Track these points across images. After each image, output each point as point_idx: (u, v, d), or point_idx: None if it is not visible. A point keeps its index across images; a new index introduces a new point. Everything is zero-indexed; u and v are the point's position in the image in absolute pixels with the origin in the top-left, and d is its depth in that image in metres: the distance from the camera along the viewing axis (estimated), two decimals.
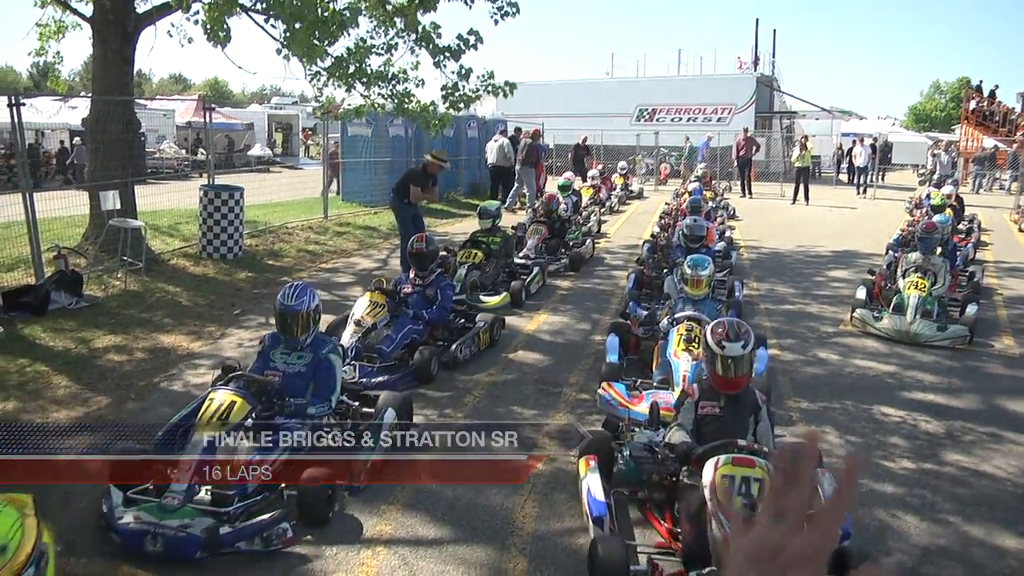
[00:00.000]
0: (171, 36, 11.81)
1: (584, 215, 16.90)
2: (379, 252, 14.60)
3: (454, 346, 7.83)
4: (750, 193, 25.48)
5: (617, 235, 17.26)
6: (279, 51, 11.84)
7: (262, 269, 12.54)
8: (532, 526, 4.92)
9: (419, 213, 12.68)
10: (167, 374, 7.65)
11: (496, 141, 21.76)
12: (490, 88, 12.82)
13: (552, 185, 19.53)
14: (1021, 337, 9.59)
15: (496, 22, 12.21)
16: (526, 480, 5.46)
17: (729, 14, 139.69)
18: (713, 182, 22.77)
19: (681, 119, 34.58)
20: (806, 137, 25.33)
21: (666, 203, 19.21)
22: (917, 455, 6.12)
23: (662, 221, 16.09)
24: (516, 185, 21.56)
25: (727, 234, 14.73)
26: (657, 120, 35.16)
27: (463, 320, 8.72)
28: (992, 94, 35.86)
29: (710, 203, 16.93)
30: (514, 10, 12.45)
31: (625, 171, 25.25)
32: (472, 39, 12.06)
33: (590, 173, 23.32)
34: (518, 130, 24.95)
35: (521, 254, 12.65)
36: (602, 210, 19.39)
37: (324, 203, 17.82)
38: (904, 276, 10.16)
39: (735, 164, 27.04)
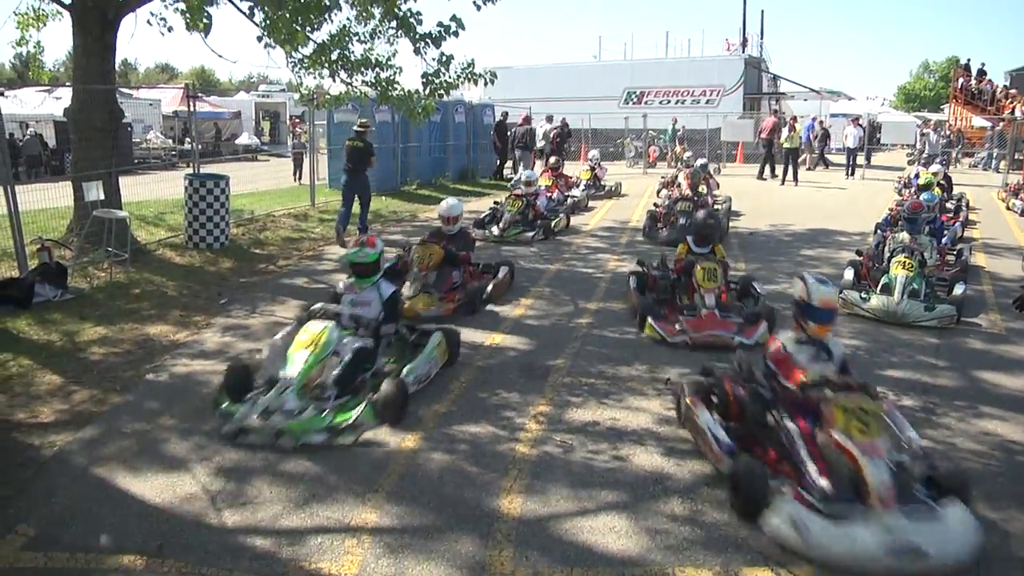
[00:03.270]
0: (151, 25, 11.62)
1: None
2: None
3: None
4: (776, 174, 25.43)
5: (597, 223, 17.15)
6: (260, 39, 11.71)
7: (248, 258, 12.49)
8: (519, 512, 4.89)
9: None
10: (153, 365, 7.58)
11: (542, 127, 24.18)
12: (471, 76, 12.73)
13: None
14: (1007, 314, 9.61)
15: (478, 7, 12.11)
16: (512, 465, 5.47)
17: None
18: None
19: (670, 101, 34.59)
20: (795, 118, 25.45)
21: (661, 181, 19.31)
22: None
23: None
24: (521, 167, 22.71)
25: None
26: (646, 103, 35.17)
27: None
28: (981, 72, 35.93)
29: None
30: None
31: (595, 163, 22.05)
32: (453, 26, 11.96)
33: (591, 154, 23.19)
34: (505, 114, 24.99)
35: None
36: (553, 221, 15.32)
37: (311, 191, 17.76)
38: (892, 256, 10.17)
39: (760, 146, 27.24)
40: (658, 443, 5.86)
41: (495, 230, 14.36)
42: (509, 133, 24.26)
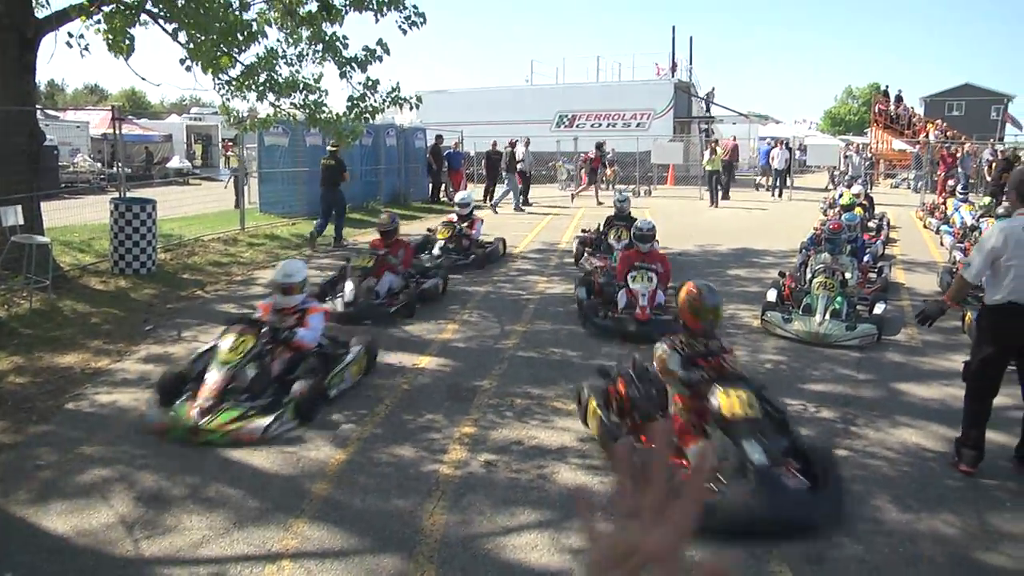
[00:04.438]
0: (70, 46, 11.38)
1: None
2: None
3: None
4: (727, 196, 26.34)
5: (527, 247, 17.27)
6: (183, 61, 11.56)
7: (175, 284, 12.28)
8: (440, 532, 4.91)
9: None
10: (73, 394, 7.39)
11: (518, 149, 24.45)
12: (396, 100, 12.77)
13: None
14: (924, 327, 9.88)
15: (404, 32, 12.19)
16: (436, 486, 5.49)
17: (647, 22, 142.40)
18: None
19: (601, 125, 34.97)
20: (716, 141, 26.06)
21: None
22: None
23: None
24: (506, 189, 23.72)
25: None
26: (577, 126, 35.50)
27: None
28: (898, 98, 37.37)
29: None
30: (421, 20, 12.46)
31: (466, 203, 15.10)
32: (379, 50, 12.02)
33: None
34: (439, 137, 25.07)
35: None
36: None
37: (240, 215, 17.60)
38: (814, 277, 10.40)
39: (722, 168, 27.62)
40: (581, 460, 5.94)
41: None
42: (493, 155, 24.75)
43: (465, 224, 14.59)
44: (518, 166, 24.31)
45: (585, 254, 13.69)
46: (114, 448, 6.13)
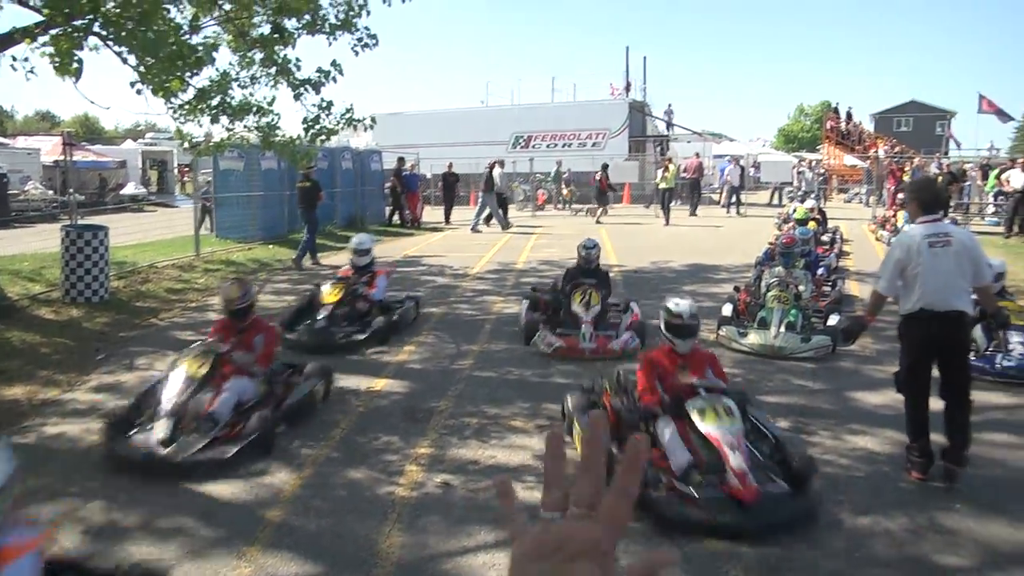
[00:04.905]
0: (14, 69, 11.11)
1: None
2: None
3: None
4: (694, 213, 27.33)
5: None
6: (133, 84, 11.42)
7: (128, 312, 12.08)
8: (397, 554, 4.87)
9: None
10: (21, 426, 7.24)
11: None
12: (350, 121, 12.78)
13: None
14: (876, 337, 10.00)
15: (356, 53, 12.23)
16: (391, 508, 5.45)
17: (601, 43, 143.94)
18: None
19: (556, 145, 35.18)
20: (669, 160, 26.36)
21: None
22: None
23: None
24: (489, 210, 23.99)
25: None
26: (533, 147, 35.69)
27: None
28: (848, 116, 38.18)
29: None
30: (373, 42, 12.54)
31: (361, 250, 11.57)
32: (333, 71, 12.02)
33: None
34: (401, 160, 25.12)
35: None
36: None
37: (195, 241, 17.41)
38: (768, 290, 10.52)
39: (683, 186, 28.79)
40: (538, 478, 5.90)
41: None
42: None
43: (364, 280, 10.88)
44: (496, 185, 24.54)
45: (540, 327, 9.86)
46: (63, 480, 6.00)
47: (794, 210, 18.86)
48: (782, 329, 9.60)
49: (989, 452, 6.42)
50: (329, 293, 10.56)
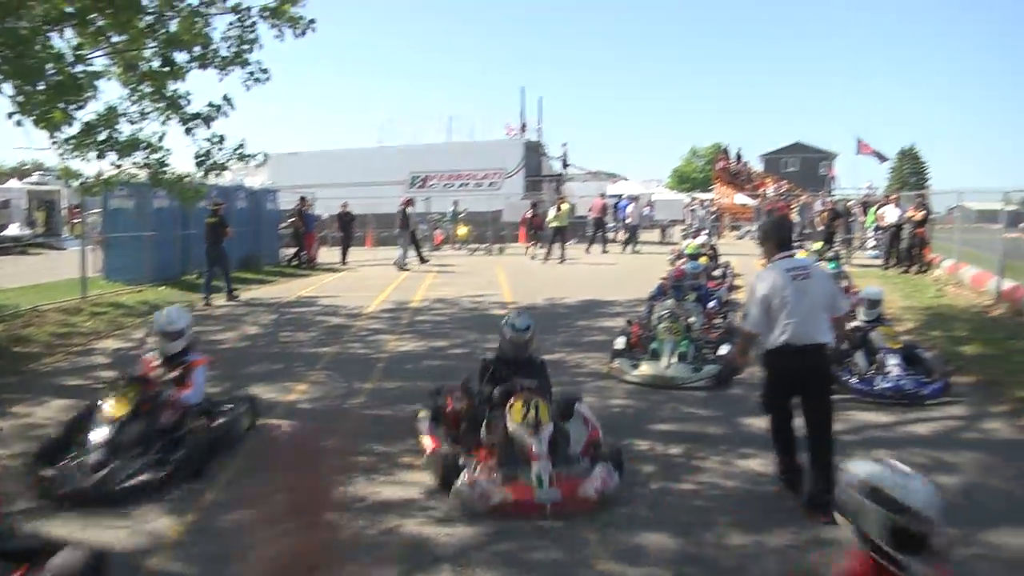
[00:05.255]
0: None
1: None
2: (135, 332, 13.75)
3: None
4: (605, 251, 28.18)
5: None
6: (11, 115, 10.98)
7: (7, 357, 11.56)
8: None
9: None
10: None
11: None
12: (242, 156, 12.61)
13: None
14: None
15: (248, 88, 12.11)
16: None
17: (497, 82, 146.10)
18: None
19: (453, 185, 35.34)
20: (561, 199, 26.82)
21: None
22: (661, 477, 6.60)
23: None
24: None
25: None
26: (430, 186, 35.79)
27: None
28: (738, 156, 39.64)
29: None
30: (265, 76, 12.44)
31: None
32: (224, 105, 11.88)
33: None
34: (303, 199, 24.93)
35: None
36: None
37: (82, 283, 16.83)
38: (659, 323, 10.72)
39: (590, 224, 29.30)
40: (426, 514, 5.87)
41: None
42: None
43: (174, 377, 7.39)
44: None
45: (461, 462, 6.34)
46: None
47: (686, 246, 19.34)
48: (673, 360, 9.78)
49: None
50: (115, 404, 6.83)
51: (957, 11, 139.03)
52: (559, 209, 25.85)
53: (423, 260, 24.35)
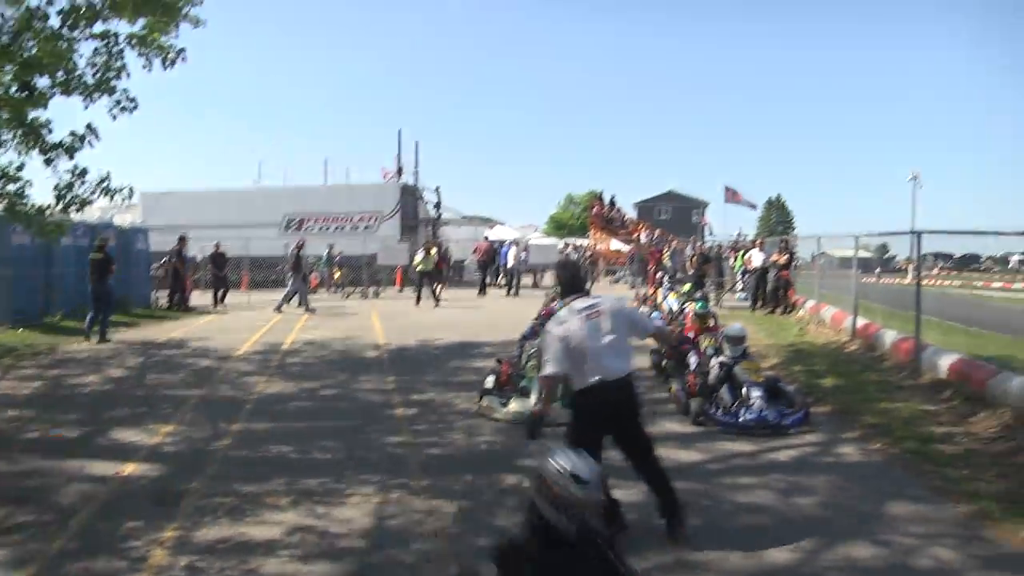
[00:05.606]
0: None
1: None
2: None
3: None
4: (484, 292, 28.66)
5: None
6: None
7: None
8: None
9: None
10: None
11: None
12: (107, 191, 12.10)
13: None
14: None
15: (114, 117, 11.70)
16: None
17: (373, 125, 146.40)
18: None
19: (329, 228, 34.92)
20: (428, 242, 26.96)
21: None
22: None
23: None
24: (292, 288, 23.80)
25: None
26: (306, 229, 35.28)
27: None
28: (612, 203, 40.72)
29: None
30: (132, 105, 12.07)
31: None
32: (88, 135, 11.42)
33: None
34: (182, 239, 24.34)
35: None
36: None
37: None
38: (528, 361, 10.78)
39: (476, 268, 30.10)
40: (290, 552, 5.74)
41: None
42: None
43: None
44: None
45: None
46: None
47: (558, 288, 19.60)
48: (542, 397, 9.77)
49: (733, 493, 7.06)
50: None
51: (818, 77, 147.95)
52: (427, 253, 25.87)
53: (305, 306, 23.72)
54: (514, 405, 9.77)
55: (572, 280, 6.30)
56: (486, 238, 31.96)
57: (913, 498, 6.93)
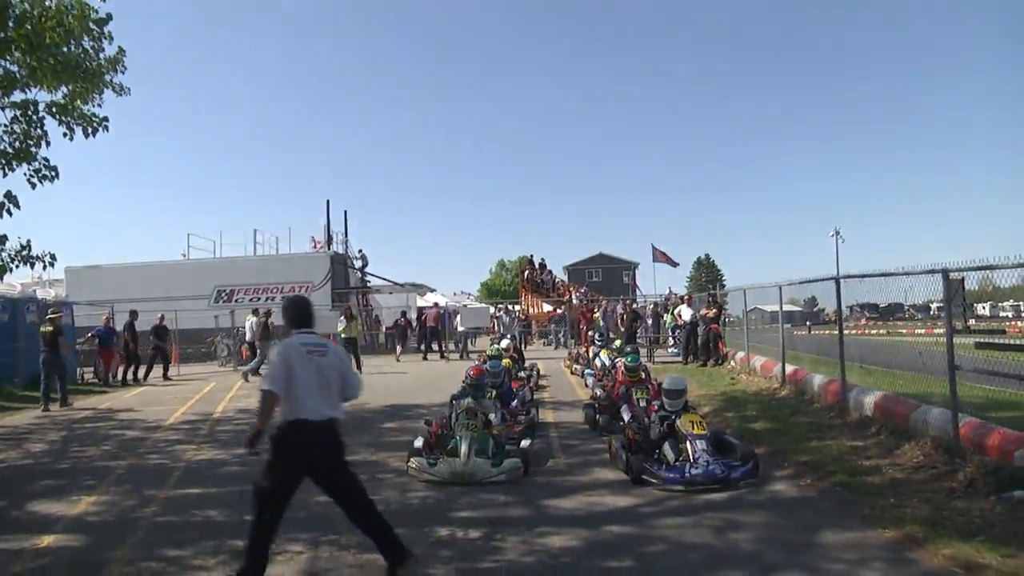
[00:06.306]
0: None
1: None
2: None
3: None
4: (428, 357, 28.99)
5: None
6: None
7: None
8: None
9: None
10: None
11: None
12: (27, 259, 11.83)
13: None
14: (568, 452, 11.03)
15: (33, 186, 11.51)
16: None
17: (302, 195, 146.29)
18: None
19: (260, 299, 34.41)
20: (348, 308, 26.93)
21: None
22: (460, 559, 6.64)
23: None
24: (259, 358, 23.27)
25: None
26: (236, 300, 34.89)
27: None
28: (542, 266, 41.26)
29: None
30: (53, 174, 11.90)
31: None
32: (7, 203, 11.20)
33: None
34: (133, 313, 24.82)
35: None
36: None
37: None
38: (457, 420, 10.76)
39: (427, 334, 30.23)
40: None
41: None
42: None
43: None
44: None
45: None
46: None
47: (489, 349, 19.71)
48: (472, 455, 9.71)
49: (667, 534, 7.20)
50: None
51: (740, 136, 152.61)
52: (350, 319, 25.60)
53: (245, 376, 23.16)
54: (443, 466, 9.59)
55: (300, 316, 6.34)
56: (435, 305, 32.46)
57: (843, 527, 7.11)
